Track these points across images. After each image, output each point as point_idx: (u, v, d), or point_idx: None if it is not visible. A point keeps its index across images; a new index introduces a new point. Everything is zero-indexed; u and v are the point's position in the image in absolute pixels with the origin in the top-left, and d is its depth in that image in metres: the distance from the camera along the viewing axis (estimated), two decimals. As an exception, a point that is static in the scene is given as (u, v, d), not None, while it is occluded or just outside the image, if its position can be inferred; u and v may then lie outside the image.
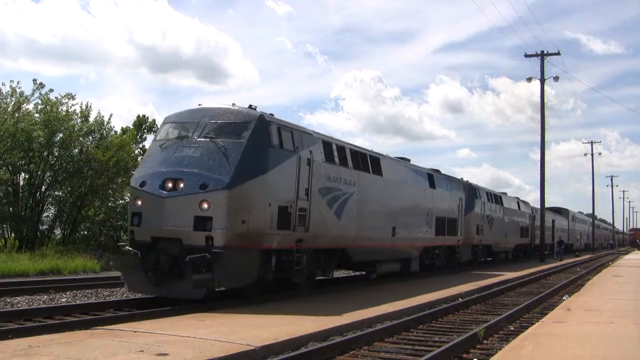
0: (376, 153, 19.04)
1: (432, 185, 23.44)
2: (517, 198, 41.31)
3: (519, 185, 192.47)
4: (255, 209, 12.47)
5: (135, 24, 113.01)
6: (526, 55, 41.45)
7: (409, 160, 22.69)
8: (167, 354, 7.41)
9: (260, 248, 12.68)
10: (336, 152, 15.82)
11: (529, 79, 41.88)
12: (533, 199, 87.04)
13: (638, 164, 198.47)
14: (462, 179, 30.44)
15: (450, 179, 27.32)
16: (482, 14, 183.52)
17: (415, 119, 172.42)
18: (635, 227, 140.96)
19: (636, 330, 10.08)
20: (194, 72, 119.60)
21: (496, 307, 15.06)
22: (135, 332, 8.91)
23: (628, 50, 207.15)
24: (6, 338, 7.99)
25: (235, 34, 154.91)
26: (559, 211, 62.13)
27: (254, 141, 12.62)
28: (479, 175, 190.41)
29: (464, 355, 9.19)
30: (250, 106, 13.56)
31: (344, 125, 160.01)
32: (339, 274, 21.43)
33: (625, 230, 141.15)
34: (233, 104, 13.63)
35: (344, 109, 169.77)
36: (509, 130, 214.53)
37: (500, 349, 8.86)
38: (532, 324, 11.51)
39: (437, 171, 25.67)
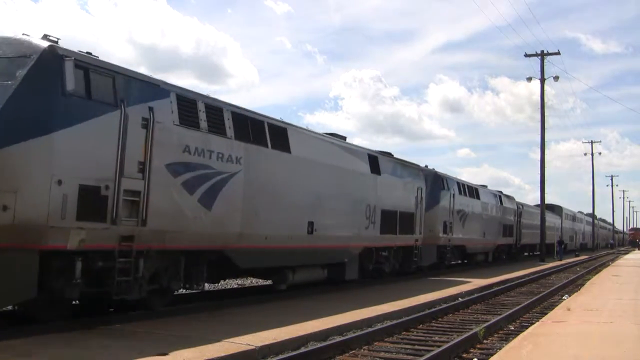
0: (281, 122, 14.30)
1: (376, 170, 18.46)
2: (500, 192, 35.89)
3: (519, 184, 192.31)
4: (29, 187, 8.36)
5: (135, 24, 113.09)
6: (526, 55, 41.48)
7: (344, 139, 17.90)
8: (167, 354, 7.41)
9: (41, 249, 8.52)
10: (204, 113, 11.45)
11: (529, 79, 41.93)
12: (533, 199, 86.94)
13: (638, 163, 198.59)
14: (426, 166, 25.19)
15: (405, 165, 21.60)
16: (481, 14, 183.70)
17: (415, 118, 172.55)
18: (635, 226, 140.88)
19: (636, 330, 10.07)
20: (193, 72, 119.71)
21: (496, 307, 15.06)
22: (135, 332, 8.91)
23: (627, 49, 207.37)
24: (6, 338, 7.97)
25: (235, 34, 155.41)
26: (551, 208, 56.05)
27: (32, 85, 8.58)
28: (479, 175, 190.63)
29: (464, 355, 9.20)
30: (45, 36, 9.31)
31: (343, 125, 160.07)
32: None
33: (625, 229, 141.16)
34: (24, 34, 9.42)
35: (344, 108, 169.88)
36: (509, 130, 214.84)
37: (500, 349, 8.86)
38: (532, 323, 11.51)
39: (389, 154, 20.66)
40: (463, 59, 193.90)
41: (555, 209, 58.27)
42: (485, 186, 33.42)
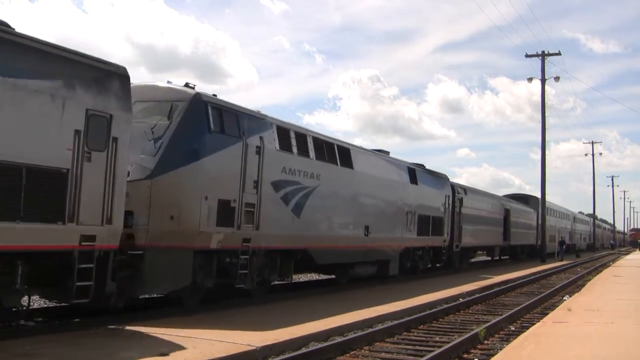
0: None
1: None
2: (419, 165, 23.12)
3: (519, 185, 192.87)
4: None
5: (133, 23, 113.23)
6: (527, 56, 41.44)
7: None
8: (168, 354, 7.42)
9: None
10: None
11: (530, 79, 41.89)
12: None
13: (638, 163, 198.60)
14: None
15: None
16: (482, 13, 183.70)
17: (415, 118, 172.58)
18: (635, 227, 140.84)
19: (637, 331, 10.07)
20: (192, 72, 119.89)
21: (497, 307, 15.05)
22: (135, 332, 8.91)
23: (627, 49, 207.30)
24: (7, 338, 7.98)
25: (233, 33, 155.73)
26: (524, 200, 43.89)
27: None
28: (479, 175, 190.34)
29: (465, 356, 9.19)
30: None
31: (342, 125, 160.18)
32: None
33: (625, 230, 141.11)
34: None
35: (343, 108, 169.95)
36: (509, 130, 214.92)
37: (501, 349, 8.87)
38: (533, 324, 11.50)
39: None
40: (463, 59, 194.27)
41: (530, 201, 44.36)
42: (387, 152, 20.72)
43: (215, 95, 12.16)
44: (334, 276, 18.09)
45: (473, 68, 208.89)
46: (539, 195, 42.20)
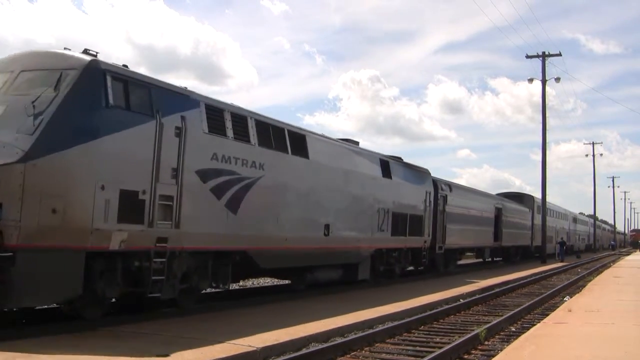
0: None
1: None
2: (396, 158, 20.95)
3: (520, 186, 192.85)
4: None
5: (133, 24, 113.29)
6: (527, 57, 41.40)
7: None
8: (168, 355, 7.43)
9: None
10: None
11: (531, 80, 41.87)
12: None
13: (638, 164, 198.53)
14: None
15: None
16: (482, 14, 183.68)
17: (415, 119, 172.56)
18: (636, 228, 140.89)
19: (637, 331, 10.06)
20: (193, 73, 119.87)
21: (497, 308, 15.05)
22: (136, 333, 8.92)
23: (628, 50, 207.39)
24: (9, 338, 7.98)
25: (234, 34, 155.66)
26: (519, 198, 41.94)
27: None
28: (479, 176, 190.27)
29: (466, 356, 9.21)
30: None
31: (343, 126, 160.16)
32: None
33: (626, 231, 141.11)
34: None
35: (343, 109, 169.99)
36: (509, 131, 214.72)
37: (501, 350, 8.86)
38: (534, 324, 11.51)
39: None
40: (463, 60, 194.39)
41: (525, 199, 42.64)
42: (356, 142, 18.67)
43: (125, 66, 10.20)
44: (288, 282, 16.29)
45: (473, 69, 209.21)
46: (538, 195, 41.45)
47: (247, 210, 12.11)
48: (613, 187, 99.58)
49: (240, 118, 12.32)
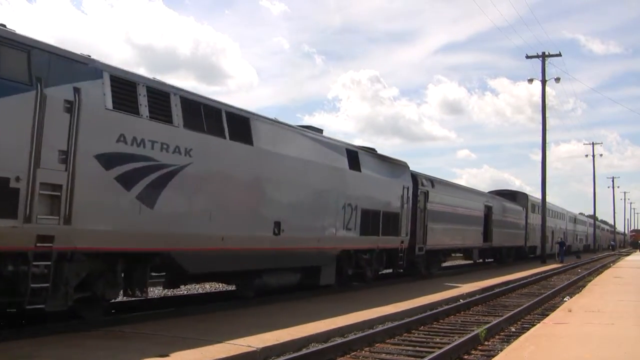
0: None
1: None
2: (367, 149, 18.79)
3: (520, 186, 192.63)
4: None
5: (132, 24, 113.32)
6: (527, 57, 41.44)
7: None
8: (168, 355, 7.43)
9: None
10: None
11: (530, 80, 41.92)
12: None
13: (638, 164, 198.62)
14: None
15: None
16: (482, 14, 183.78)
17: (415, 119, 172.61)
18: (636, 228, 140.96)
19: (637, 332, 10.07)
20: (192, 73, 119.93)
21: (497, 309, 15.05)
22: (136, 333, 8.92)
23: (628, 50, 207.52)
24: (7, 339, 7.98)
25: (233, 34, 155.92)
26: (512, 196, 39.40)
27: None
28: (479, 176, 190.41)
29: (465, 357, 9.21)
30: None
31: (343, 126, 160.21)
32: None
33: (626, 231, 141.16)
34: None
35: (343, 109, 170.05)
36: (509, 131, 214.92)
37: (501, 350, 8.86)
38: (534, 325, 11.51)
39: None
40: (463, 60, 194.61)
41: (518, 197, 40.20)
42: (319, 130, 16.57)
43: (3, 25, 8.29)
44: (233, 287, 14.34)
45: (473, 69, 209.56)
46: (537, 194, 40.77)
47: (168, 205, 10.15)
48: (613, 187, 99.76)
49: (159, 94, 10.27)
